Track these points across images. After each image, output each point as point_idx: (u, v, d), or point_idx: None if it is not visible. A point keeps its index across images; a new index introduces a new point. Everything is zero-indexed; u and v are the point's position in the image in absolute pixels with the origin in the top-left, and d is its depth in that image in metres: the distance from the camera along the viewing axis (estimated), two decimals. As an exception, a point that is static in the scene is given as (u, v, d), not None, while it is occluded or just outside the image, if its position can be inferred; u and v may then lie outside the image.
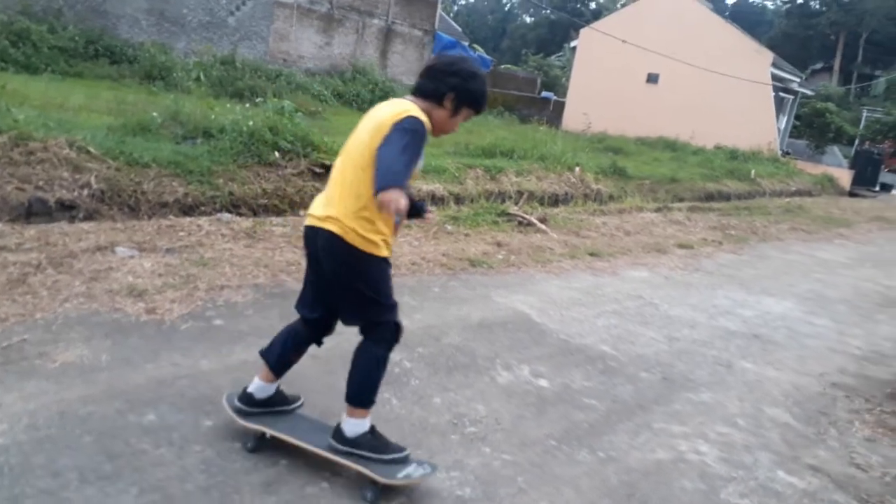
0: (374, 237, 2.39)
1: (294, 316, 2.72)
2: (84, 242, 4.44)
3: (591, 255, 6.93)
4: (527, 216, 7.82)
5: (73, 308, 3.58)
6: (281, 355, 2.67)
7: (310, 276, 2.64)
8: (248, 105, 8.52)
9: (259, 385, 2.67)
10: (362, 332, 2.57)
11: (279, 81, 14.88)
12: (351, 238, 2.36)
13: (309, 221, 2.49)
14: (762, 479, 3.07)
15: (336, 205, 2.41)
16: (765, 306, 6.09)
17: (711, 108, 23.00)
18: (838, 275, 8.15)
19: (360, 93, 17.36)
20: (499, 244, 6.56)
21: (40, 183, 4.90)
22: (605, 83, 25.16)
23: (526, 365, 3.89)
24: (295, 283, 4.54)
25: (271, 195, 6.22)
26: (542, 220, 7.91)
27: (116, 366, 3.11)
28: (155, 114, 7.16)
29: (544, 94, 31.02)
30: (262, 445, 2.64)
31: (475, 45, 33.77)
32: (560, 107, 27.30)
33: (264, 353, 2.70)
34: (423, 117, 2.37)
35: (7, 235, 4.31)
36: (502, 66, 37.04)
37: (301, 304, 2.68)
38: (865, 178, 24.43)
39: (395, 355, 3.67)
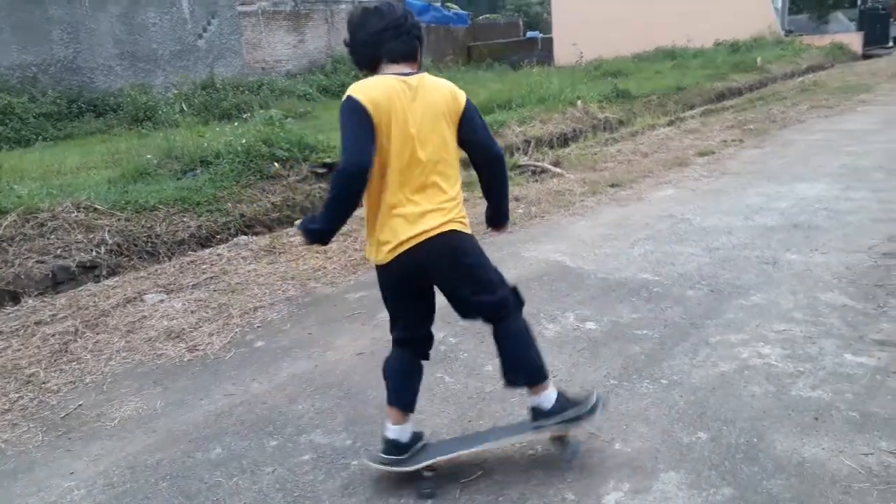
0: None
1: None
2: (113, 298, 4.50)
3: (613, 186, 6.80)
4: (538, 163, 7.71)
5: (118, 364, 3.64)
6: (411, 391, 2.46)
7: (407, 300, 2.39)
8: (236, 123, 8.52)
9: (399, 428, 2.44)
10: (495, 313, 2.39)
11: (262, 91, 14.87)
12: (466, 227, 2.34)
13: (418, 239, 2.22)
14: (830, 366, 2.99)
15: (448, 205, 2.27)
16: (799, 193, 5.92)
17: (702, 6, 22.30)
18: (868, 143, 7.88)
19: (344, 82, 17.25)
20: (516, 199, 6.46)
21: (58, 251, 4.96)
22: (588, 7, 24.52)
23: (570, 312, 3.84)
24: (324, 287, 4.55)
25: (281, 207, 6.22)
26: (556, 164, 7.78)
27: (172, 410, 3.15)
28: (149, 156, 7.18)
29: (529, 34, 30.43)
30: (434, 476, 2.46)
31: (448, 3, 33.17)
32: (549, 44, 26.78)
33: (393, 402, 2.44)
34: None
35: (40, 309, 4.38)
36: (480, 18, 36.36)
37: (405, 331, 2.43)
38: (876, 36, 23.59)
39: (439, 333, 3.66)
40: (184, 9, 15.83)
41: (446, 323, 3.80)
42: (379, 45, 2.24)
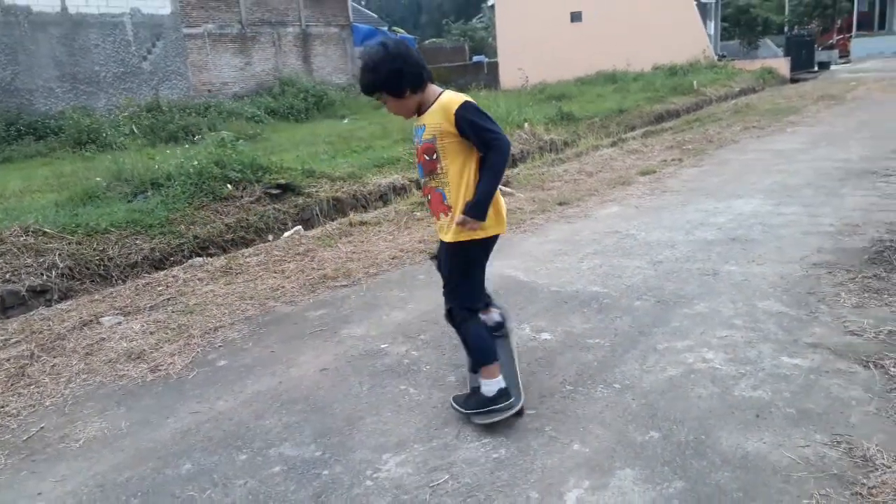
0: None
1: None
2: (68, 322, 4.44)
3: (561, 204, 7.04)
4: (489, 182, 7.88)
5: (79, 386, 3.60)
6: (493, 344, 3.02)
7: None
8: (187, 145, 8.47)
9: (502, 378, 2.90)
10: None
11: (210, 114, 14.75)
12: None
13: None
14: (768, 368, 3.22)
15: None
16: (735, 209, 6.27)
17: (640, 32, 23.22)
18: (797, 161, 8.37)
19: (292, 104, 17.28)
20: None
21: (7, 275, 4.86)
22: (531, 33, 25.22)
23: (525, 324, 3.99)
24: (284, 306, 4.59)
25: (235, 228, 6.22)
26: (506, 184, 8.00)
27: (138, 429, 3.15)
28: (98, 178, 7.09)
29: (475, 58, 31.05)
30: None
31: (395, 28, 33.54)
32: (494, 68, 27.33)
33: (491, 357, 2.90)
34: None
35: (-9, 334, 4.29)
36: (427, 42, 36.87)
37: (482, 296, 3.16)
38: (802, 61, 24.90)
39: (401, 348, 3.78)
40: (127, 31, 15.61)
41: (408, 338, 3.91)
42: (425, 67, 2.79)
